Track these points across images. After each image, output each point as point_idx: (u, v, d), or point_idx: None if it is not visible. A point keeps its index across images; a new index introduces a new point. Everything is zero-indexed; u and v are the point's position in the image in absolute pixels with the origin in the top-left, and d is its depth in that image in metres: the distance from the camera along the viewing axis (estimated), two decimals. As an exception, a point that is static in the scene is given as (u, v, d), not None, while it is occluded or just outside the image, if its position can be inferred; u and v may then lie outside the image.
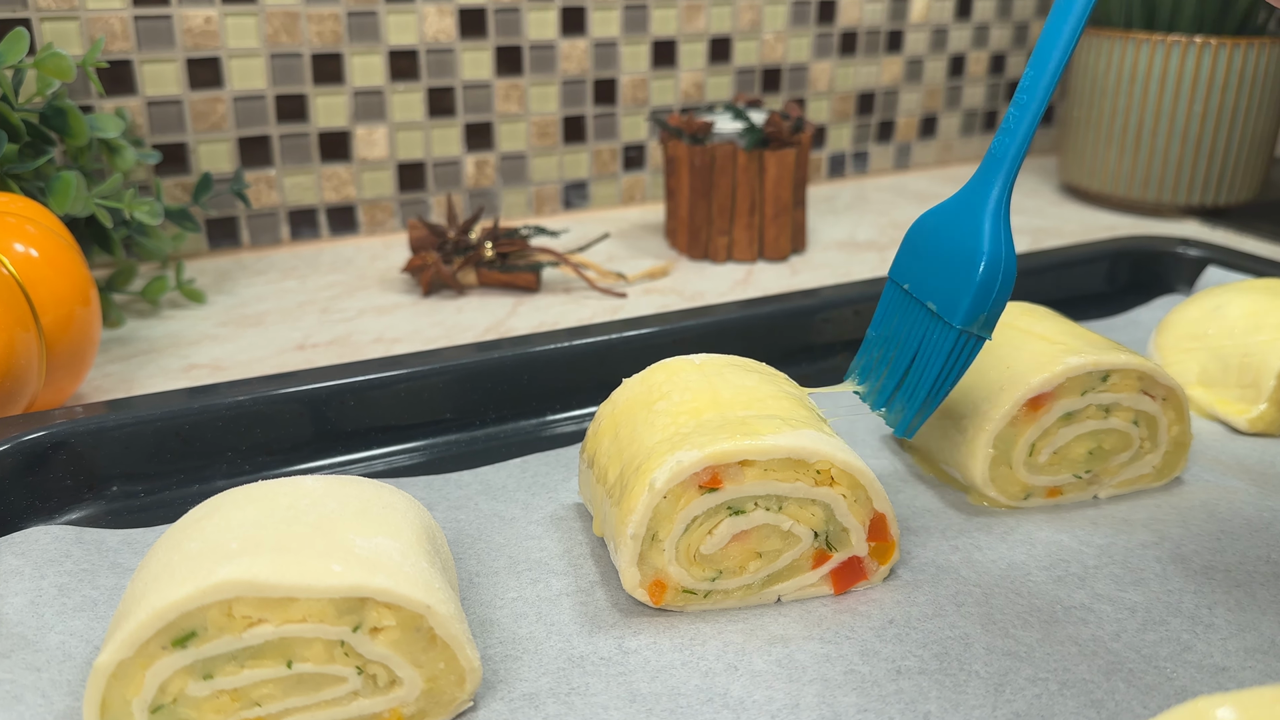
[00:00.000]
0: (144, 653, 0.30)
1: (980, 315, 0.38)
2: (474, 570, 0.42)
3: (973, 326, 0.39)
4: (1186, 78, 0.87)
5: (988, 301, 0.38)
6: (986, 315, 0.39)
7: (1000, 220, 0.39)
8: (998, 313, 0.39)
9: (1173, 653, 0.37)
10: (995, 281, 0.38)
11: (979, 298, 0.38)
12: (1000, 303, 0.39)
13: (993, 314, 0.39)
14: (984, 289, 0.38)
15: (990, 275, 0.38)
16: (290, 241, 0.83)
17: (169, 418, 0.48)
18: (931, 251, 0.40)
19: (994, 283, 0.38)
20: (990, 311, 0.39)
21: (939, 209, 0.41)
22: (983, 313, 0.38)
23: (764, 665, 0.36)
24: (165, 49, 0.74)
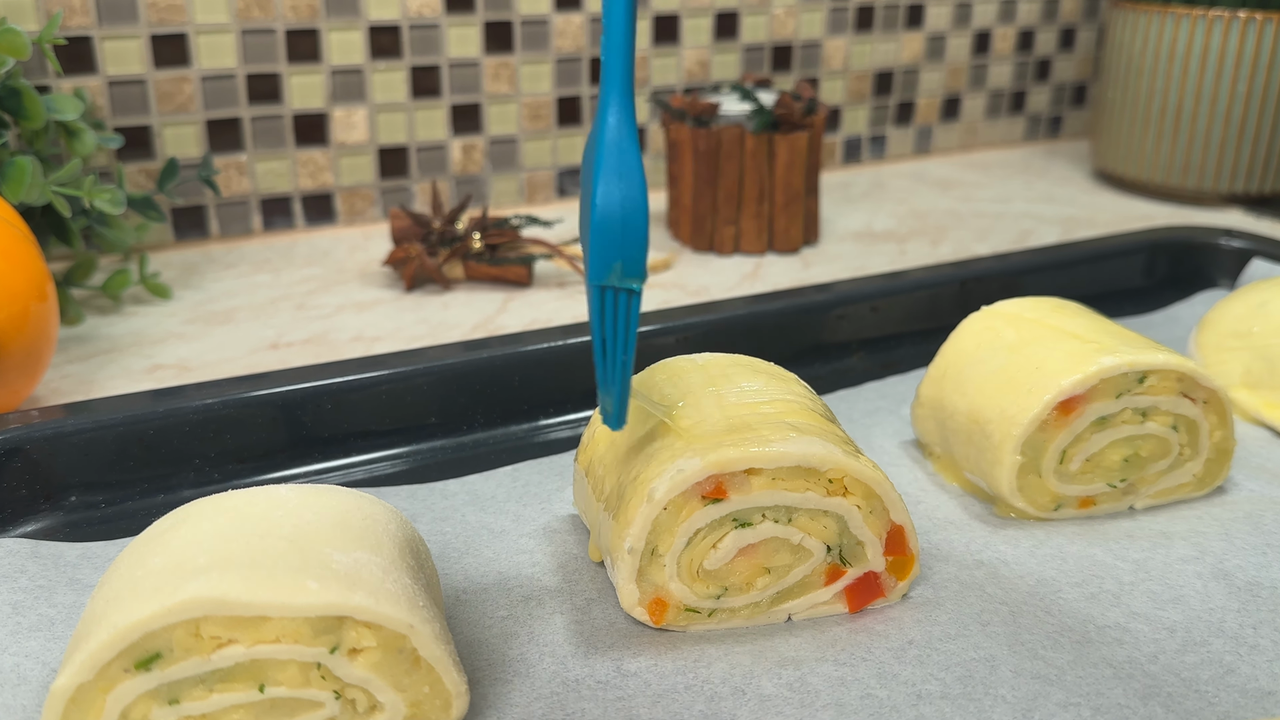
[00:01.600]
0: (105, 676, 0.30)
1: (613, 265, 0.36)
2: (461, 587, 0.42)
3: (610, 279, 0.36)
4: (1230, 55, 0.87)
5: (613, 249, 0.36)
6: (622, 263, 0.36)
7: (615, 148, 0.36)
8: (635, 256, 0.36)
9: (1214, 676, 0.37)
10: (614, 224, 0.36)
11: (599, 249, 0.36)
12: (633, 244, 0.36)
13: (630, 259, 0.36)
14: (602, 238, 0.36)
15: (605, 220, 0.36)
16: (263, 232, 0.83)
17: (132, 422, 0.48)
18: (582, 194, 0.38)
19: (613, 227, 0.36)
20: (625, 257, 0.36)
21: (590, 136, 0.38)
22: (615, 262, 0.36)
23: (773, 689, 0.36)
24: (128, 24, 0.74)
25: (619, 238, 0.36)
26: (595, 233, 0.36)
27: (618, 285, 0.36)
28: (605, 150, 0.36)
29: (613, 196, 0.36)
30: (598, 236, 0.36)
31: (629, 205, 0.36)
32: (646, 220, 0.36)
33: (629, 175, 0.36)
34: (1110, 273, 0.71)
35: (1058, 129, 1.16)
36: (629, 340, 0.37)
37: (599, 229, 0.36)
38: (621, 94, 0.36)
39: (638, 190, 0.36)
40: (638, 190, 0.36)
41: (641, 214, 0.36)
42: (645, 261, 0.36)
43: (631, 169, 0.36)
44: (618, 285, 0.36)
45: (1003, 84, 1.11)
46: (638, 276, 0.36)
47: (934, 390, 0.49)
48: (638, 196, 0.36)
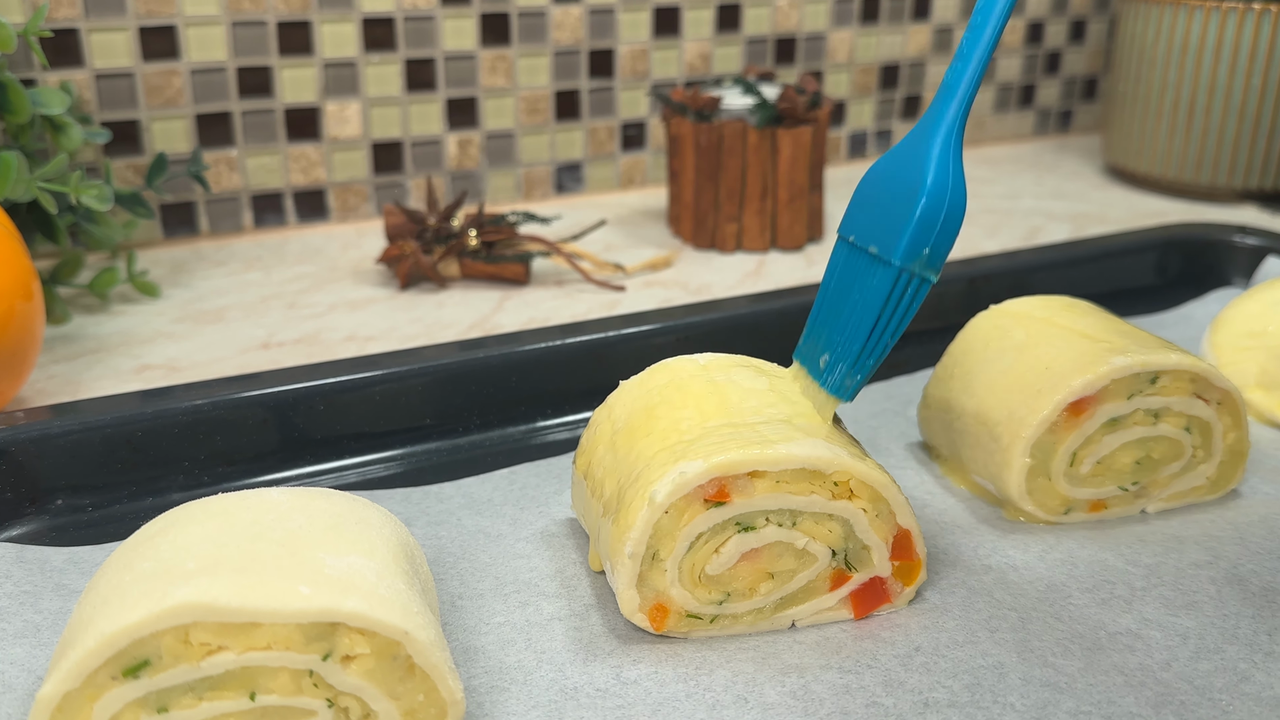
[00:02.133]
0: (92, 683, 0.30)
1: (922, 250, 0.38)
2: (456, 592, 0.42)
3: (913, 265, 0.38)
4: (1244, 48, 0.87)
5: (930, 235, 0.38)
6: (930, 251, 0.38)
7: (949, 150, 0.39)
8: (944, 250, 0.39)
9: (1229, 683, 0.37)
10: (939, 213, 0.38)
11: (920, 231, 0.38)
12: (946, 238, 0.38)
13: (937, 250, 0.38)
14: (925, 221, 0.38)
15: (933, 206, 0.38)
16: (253, 229, 0.83)
17: (119, 424, 0.48)
18: (878, 196, 0.40)
19: (937, 214, 0.38)
20: (935, 246, 0.38)
21: (889, 153, 0.41)
22: (925, 247, 0.38)
23: (777, 697, 0.36)
24: (115, 16, 0.74)
25: (940, 225, 0.38)
26: (924, 212, 0.38)
27: (917, 271, 0.38)
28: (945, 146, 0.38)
29: (945, 186, 0.38)
30: (925, 216, 0.38)
31: (956, 200, 0.38)
32: (960, 225, 0.39)
33: (959, 179, 0.38)
34: (1121, 271, 0.71)
35: (1068, 123, 1.16)
36: (901, 327, 0.39)
37: (929, 209, 0.38)
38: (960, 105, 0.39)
39: (962, 194, 0.38)
40: (962, 194, 0.38)
41: (960, 214, 0.38)
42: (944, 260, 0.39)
43: (961, 177, 0.39)
44: (917, 271, 0.38)
45: (1011, 77, 1.11)
46: (936, 269, 0.39)
47: (941, 391, 0.49)
48: (961, 198, 0.38)
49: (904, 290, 0.39)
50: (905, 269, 0.38)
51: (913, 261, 0.38)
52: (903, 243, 0.38)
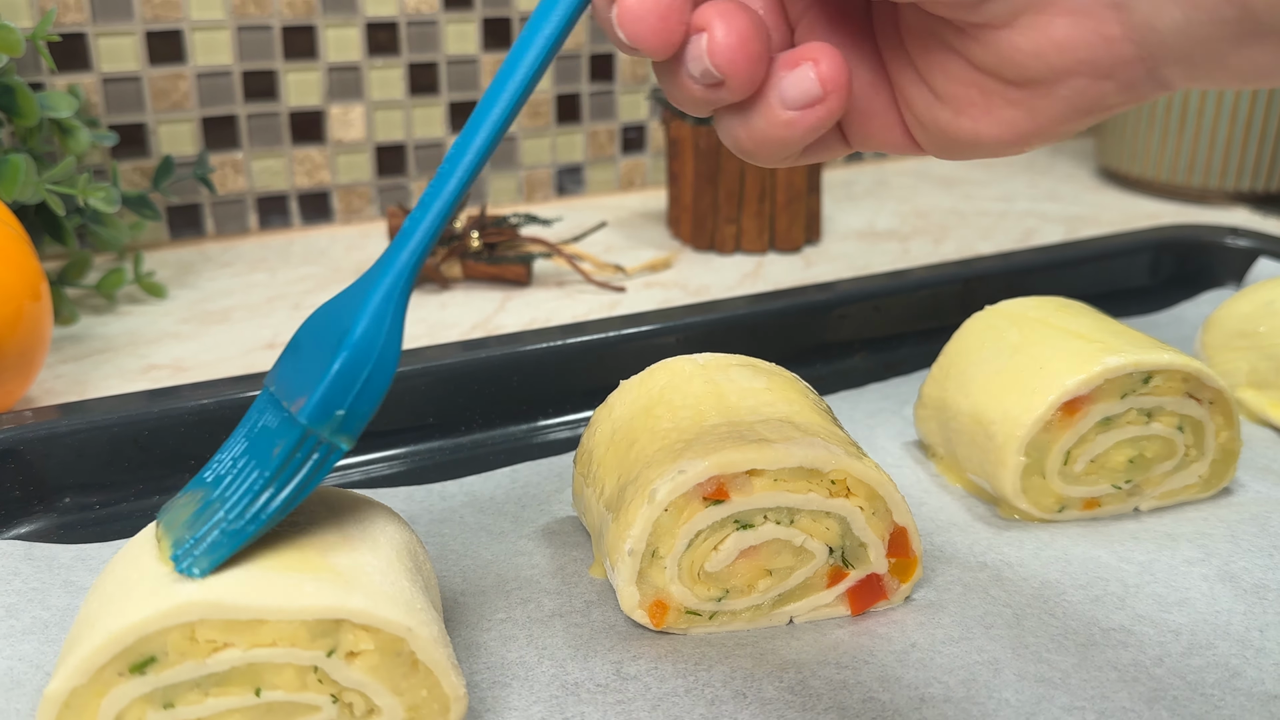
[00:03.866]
0: (99, 680, 0.30)
1: (335, 412, 0.32)
2: (459, 589, 0.42)
3: (323, 428, 0.32)
4: (1235, 52, 0.87)
5: (346, 396, 0.33)
6: (346, 414, 0.33)
7: (389, 304, 0.33)
8: (363, 413, 0.33)
9: (1220, 679, 0.37)
10: (361, 371, 0.33)
11: (334, 389, 0.32)
12: (367, 401, 0.33)
13: (355, 413, 0.33)
14: (342, 379, 0.32)
15: (355, 363, 0.32)
16: (259, 231, 0.83)
17: (126, 423, 0.48)
18: (307, 344, 0.35)
19: (358, 373, 0.33)
20: (352, 409, 0.33)
21: (334, 298, 0.35)
22: (339, 409, 0.33)
23: (775, 693, 0.36)
24: (123, 21, 0.74)
25: (361, 385, 0.33)
26: (343, 368, 0.32)
27: (326, 435, 0.33)
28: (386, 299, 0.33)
29: (373, 344, 0.33)
30: (343, 373, 0.32)
31: (385, 361, 0.33)
32: (386, 389, 0.33)
33: (392, 337, 0.33)
34: (1115, 272, 0.71)
35: (1062, 126, 1.16)
36: (296, 498, 0.33)
37: (349, 366, 0.32)
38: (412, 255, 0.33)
39: (393, 354, 0.33)
40: (393, 354, 0.33)
41: (388, 377, 0.33)
42: (363, 427, 0.33)
43: (395, 333, 0.33)
44: (326, 435, 0.33)
45: (1006, 81, 1.11)
46: (353, 435, 0.33)
47: (937, 391, 0.49)
48: (392, 360, 0.33)
49: (308, 455, 0.33)
50: (313, 431, 0.33)
51: (322, 424, 0.32)
52: (313, 401, 0.32)
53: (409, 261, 0.33)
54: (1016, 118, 0.28)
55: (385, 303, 0.33)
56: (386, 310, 0.33)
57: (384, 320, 0.33)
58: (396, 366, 0.33)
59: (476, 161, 0.32)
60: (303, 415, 0.33)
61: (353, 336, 0.33)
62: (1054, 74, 0.26)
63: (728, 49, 0.27)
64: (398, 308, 0.33)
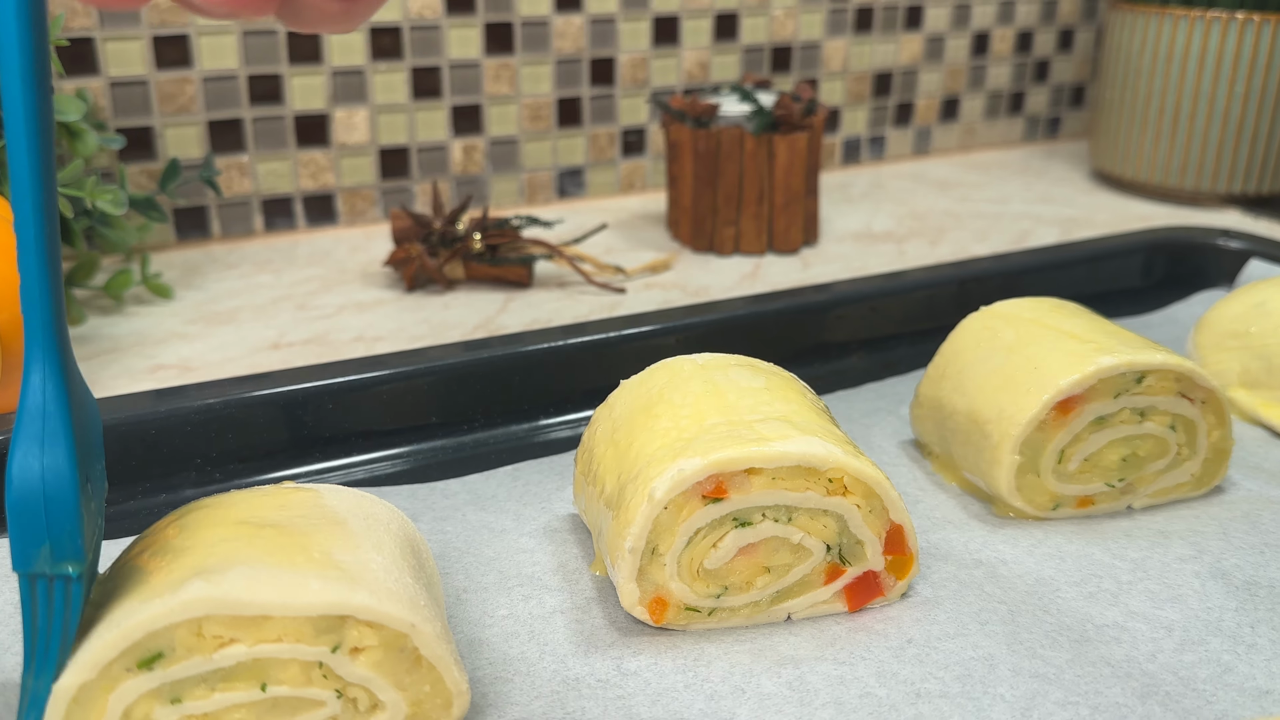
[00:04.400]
0: (107, 675, 0.30)
1: (40, 548, 0.30)
2: (462, 586, 0.42)
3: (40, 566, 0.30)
4: (1228, 56, 0.87)
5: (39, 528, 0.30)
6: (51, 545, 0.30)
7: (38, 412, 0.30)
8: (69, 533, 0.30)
9: (1212, 675, 0.37)
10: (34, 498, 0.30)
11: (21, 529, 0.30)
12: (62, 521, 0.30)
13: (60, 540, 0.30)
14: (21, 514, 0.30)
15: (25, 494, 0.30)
16: (264, 232, 0.83)
17: (133, 422, 0.48)
18: None
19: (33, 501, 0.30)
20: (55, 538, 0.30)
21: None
22: (42, 545, 0.30)
23: (773, 688, 0.36)
24: (130, 26, 0.74)
25: (42, 515, 0.30)
26: (12, 512, 0.30)
27: (49, 572, 0.30)
28: (25, 415, 0.30)
29: (32, 469, 0.30)
30: (15, 516, 0.30)
31: (53, 476, 0.30)
32: (76, 493, 0.30)
33: (54, 442, 0.30)
34: (1108, 273, 0.71)
35: (1056, 130, 1.16)
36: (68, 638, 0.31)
37: (16, 507, 0.30)
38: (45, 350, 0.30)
39: (64, 458, 0.30)
40: (64, 458, 0.30)
41: (70, 485, 0.30)
42: (80, 541, 0.30)
43: (56, 434, 0.30)
44: (49, 572, 0.30)
45: (1001, 85, 1.11)
46: (74, 559, 0.30)
47: (933, 390, 0.49)
48: (63, 465, 0.30)
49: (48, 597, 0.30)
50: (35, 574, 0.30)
51: (34, 565, 0.30)
52: (12, 548, 0.30)
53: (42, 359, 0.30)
54: None
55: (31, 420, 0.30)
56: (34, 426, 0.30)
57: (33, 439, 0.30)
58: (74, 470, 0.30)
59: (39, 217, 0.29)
60: (16, 566, 0.30)
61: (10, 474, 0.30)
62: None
63: None
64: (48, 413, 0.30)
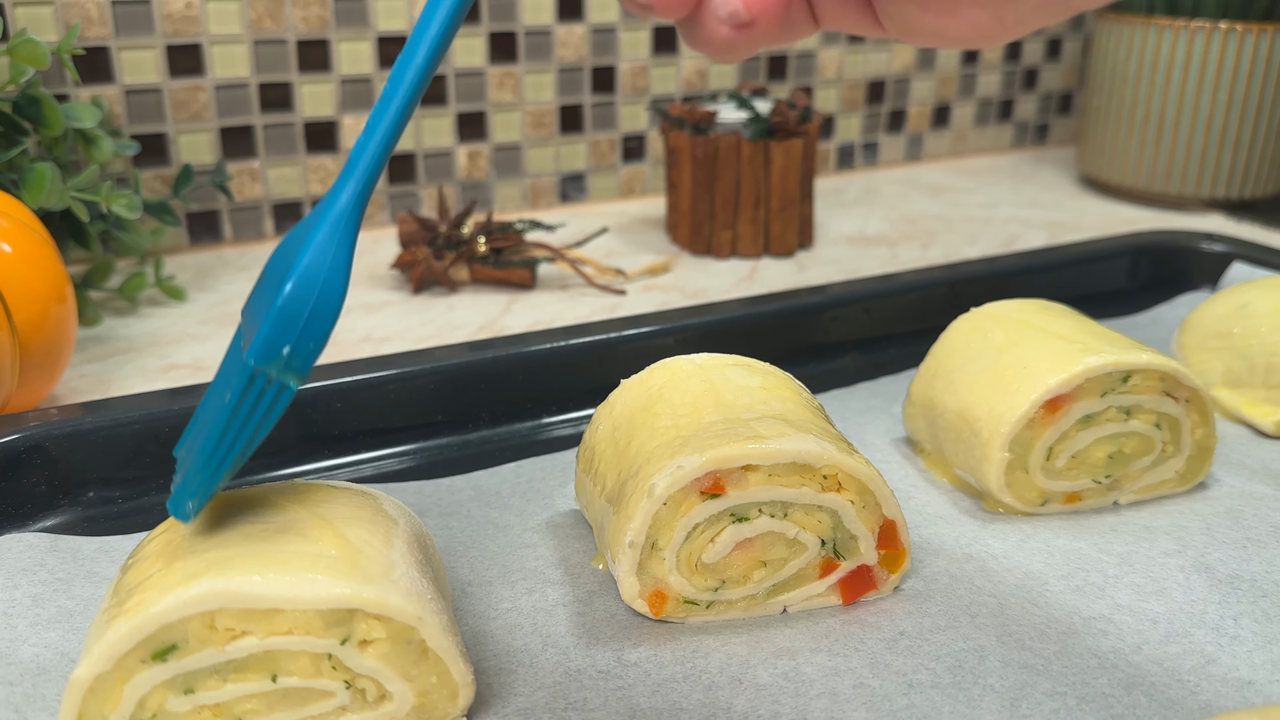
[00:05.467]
0: (122, 666, 0.30)
1: (281, 350, 0.31)
2: (467, 580, 0.42)
3: (271, 366, 0.31)
4: (1211, 65, 0.87)
5: (291, 333, 0.30)
6: (291, 350, 0.31)
7: (334, 236, 0.31)
8: (309, 351, 0.31)
9: (1196, 666, 0.37)
10: (304, 308, 0.30)
11: (277, 327, 0.30)
12: (312, 337, 0.31)
13: (300, 351, 0.31)
14: (285, 316, 0.30)
15: (298, 298, 0.30)
16: (274, 236, 0.83)
17: (148, 420, 0.48)
18: (267, 277, 0.33)
19: (302, 309, 0.30)
20: (297, 346, 0.31)
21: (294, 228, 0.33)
22: (284, 346, 0.31)
23: (769, 679, 0.36)
24: (144, 35, 0.74)
25: (304, 321, 0.31)
26: (284, 303, 0.30)
27: (275, 374, 0.31)
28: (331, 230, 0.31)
29: (316, 276, 0.31)
30: (285, 309, 0.30)
31: (329, 293, 0.31)
32: (336, 317, 0.31)
33: (340, 260, 0.31)
34: (1095, 275, 0.71)
35: (1044, 136, 1.16)
36: (255, 440, 0.32)
37: (291, 301, 0.30)
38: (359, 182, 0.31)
39: (342, 280, 0.31)
40: (342, 280, 0.31)
41: (334, 310, 0.31)
42: (312, 363, 0.31)
43: (343, 255, 0.31)
44: (275, 374, 0.31)
45: (991, 93, 1.11)
46: (299, 373, 0.31)
47: (925, 389, 0.49)
48: (337, 291, 0.31)
49: (259, 395, 0.31)
50: (261, 370, 0.31)
51: (269, 363, 0.31)
52: (259, 338, 0.31)
53: (355, 190, 0.31)
54: (981, 18, 0.27)
55: (330, 234, 0.31)
56: (330, 244, 0.31)
57: (327, 254, 0.31)
58: (343, 299, 0.31)
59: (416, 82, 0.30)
60: (251, 356, 0.31)
61: (294, 271, 0.30)
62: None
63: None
64: (344, 240, 0.31)
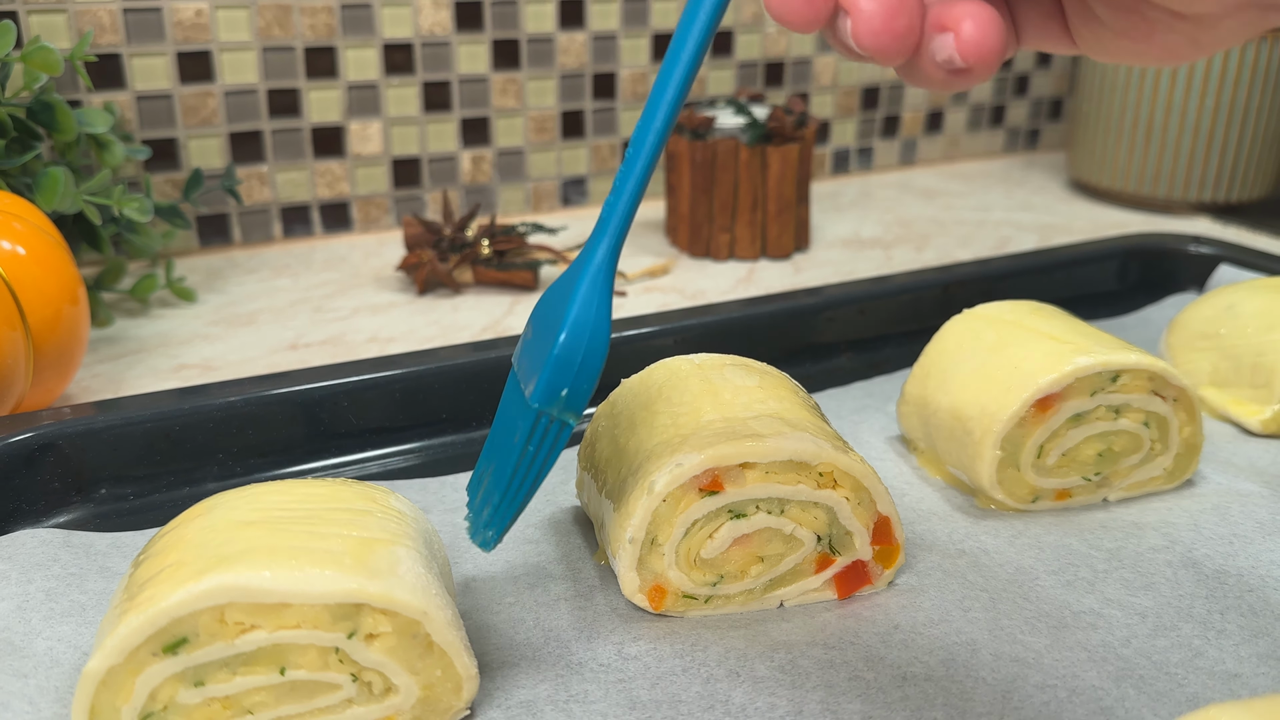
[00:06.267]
0: (134, 659, 0.30)
1: (560, 392, 0.34)
2: (471, 575, 0.42)
3: (552, 407, 0.34)
4: (1199, 71, 0.87)
5: (568, 376, 0.34)
6: (569, 392, 0.34)
7: (597, 285, 0.34)
8: (584, 391, 0.34)
9: (1184, 659, 0.37)
10: (577, 354, 0.34)
11: (556, 372, 0.34)
12: (586, 379, 0.34)
13: (577, 391, 0.34)
14: (562, 362, 0.33)
15: (571, 347, 0.33)
16: (283, 239, 0.83)
17: (159, 419, 0.48)
18: (536, 329, 0.36)
19: (575, 355, 0.34)
20: (574, 388, 0.34)
21: (552, 285, 0.36)
22: (563, 389, 0.34)
23: (766, 671, 0.36)
24: (155, 42, 0.74)
25: (578, 365, 0.34)
26: (560, 352, 0.33)
27: (556, 414, 0.34)
28: (592, 283, 0.34)
29: (586, 321, 0.34)
30: (561, 357, 0.33)
31: (596, 339, 0.34)
32: (604, 357, 0.34)
33: (603, 306, 0.34)
34: (1085, 277, 0.71)
35: (1035, 141, 1.16)
36: (539, 475, 0.35)
37: (565, 349, 0.33)
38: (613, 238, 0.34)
39: (606, 324, 0.34)
40: (606, 324, 0.34)
41: (602, 354, 0.34)
42: (586, 402, 0.34)
43: (606, 301, 0.34)
44: (556, 414, 0.34)
45: (983, 99, 1.11)
46: (575, 410, 0.34)
47: (918, 388, 0.49)
48: (603, 337, 0.34)
49: (544, 434, 0.34)
50: (544, 411, 0.34)
51: (551, 404, 0.34)
52: (540, 384, 0.34)
53: (609, 246, 0.34)
54: (1178, 43, 0.27)
55: (592, 287, 0.34)
56: (594, 294, 0.34)
57: (591, 304, 0.34)
58: (608, 343, 0.34)
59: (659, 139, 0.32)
60: (534, 400, 0.34)
61: (566, 322, 0.34)
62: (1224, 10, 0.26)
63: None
64: (604, 291, 0.34)
